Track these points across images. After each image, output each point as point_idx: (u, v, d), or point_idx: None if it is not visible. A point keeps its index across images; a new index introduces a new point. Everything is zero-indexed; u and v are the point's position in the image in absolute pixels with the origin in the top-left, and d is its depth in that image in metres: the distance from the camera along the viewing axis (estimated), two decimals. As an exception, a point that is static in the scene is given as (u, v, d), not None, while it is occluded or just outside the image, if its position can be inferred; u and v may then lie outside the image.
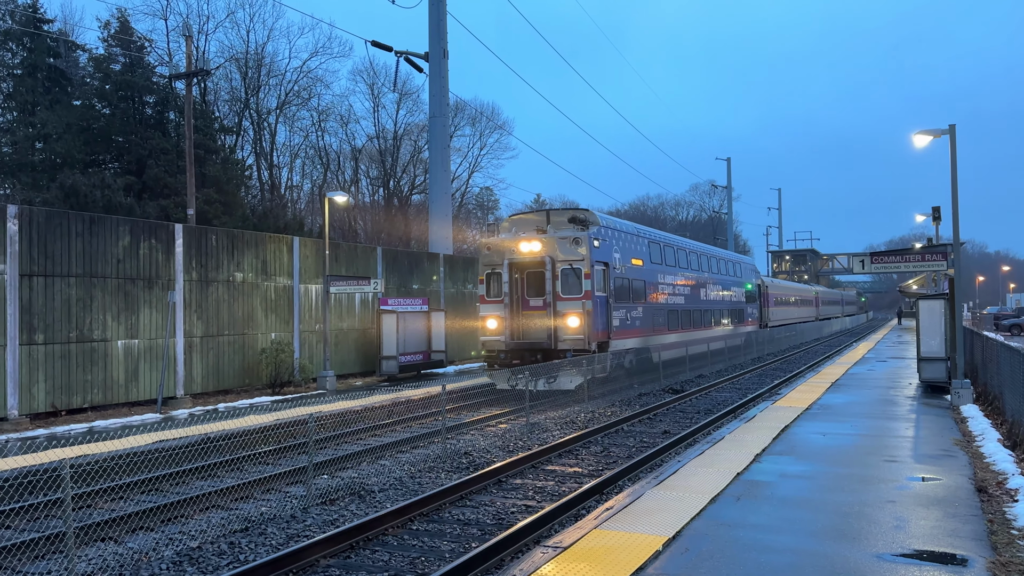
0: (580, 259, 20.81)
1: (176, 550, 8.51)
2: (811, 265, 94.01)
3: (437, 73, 26.67)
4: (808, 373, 26.60)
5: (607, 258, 21.87)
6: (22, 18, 40.77)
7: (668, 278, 27.58)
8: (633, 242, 24.65)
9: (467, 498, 10.72)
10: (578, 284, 20.75)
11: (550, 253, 21.10)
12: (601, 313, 21.15)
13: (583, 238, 20.93)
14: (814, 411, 15.68)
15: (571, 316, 20.59)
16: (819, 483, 9.31)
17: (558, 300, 20.92)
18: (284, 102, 53.41)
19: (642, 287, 24.77)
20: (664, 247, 28.07)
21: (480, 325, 22.30)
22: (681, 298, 29.02)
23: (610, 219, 24.21)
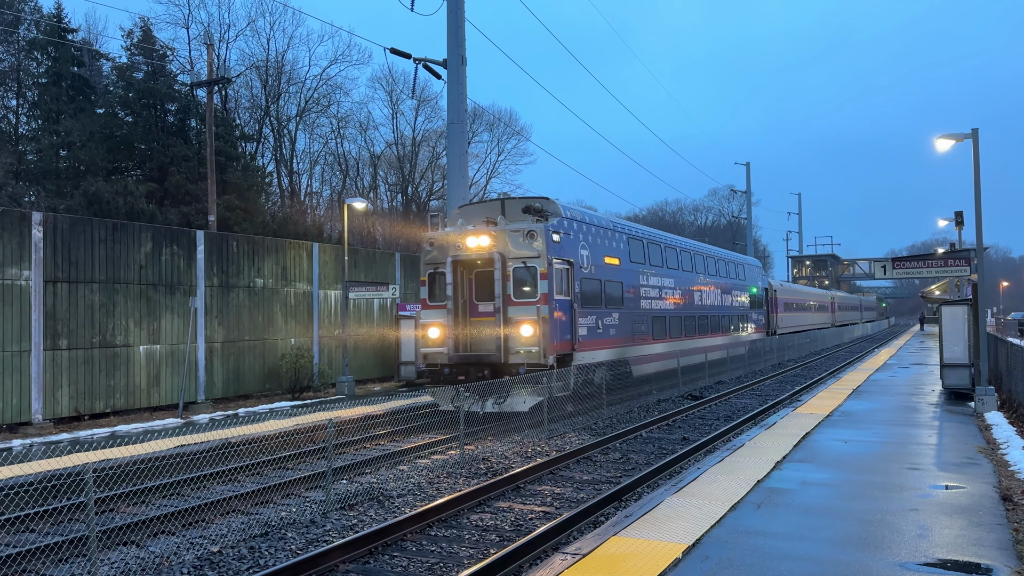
0: (535, 256, 17.63)
1: (197, 554, 8.57)
2: (832, 270, 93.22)
3: (455, 80, 26.77)
4: (829, 379, 26.37)
5: (571, 255, 18.74)
6: (47, 27, 41.38)
7: (654, 280, 24.30)
8: (607, 238, 21.37)
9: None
10: (532, 286, 17.65)
11: (501, 249, 17.89)
12: (562, 320, 18.02)
13: (538, 231, 17.69)
14: (835, 418, 15.53)
15: (524, 324, 17.38)
16: (841, 491, 9.22)
17: (509, 305, 17.72)
18: (304, 109, 53.80)
19: (619, 290, 21.55)
20: (649, 245, 24.69)
21: (419, 335, 19.12)
22: (671, 303, 25.67)
23: (578, 210, 20.90)
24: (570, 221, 19.33)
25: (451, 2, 25.98)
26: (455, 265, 18.40)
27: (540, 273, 17.60)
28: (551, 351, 17.50)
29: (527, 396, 17.03)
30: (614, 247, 21.71)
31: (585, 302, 19.33)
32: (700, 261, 30.03)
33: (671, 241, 27.75)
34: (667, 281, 25.57)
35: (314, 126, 56.67)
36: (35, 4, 43.87)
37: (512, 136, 69.05)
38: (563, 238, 18.50)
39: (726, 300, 32.66)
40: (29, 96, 42.91)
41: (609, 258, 21.16)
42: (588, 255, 19.77)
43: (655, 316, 24.21)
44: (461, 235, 18.47)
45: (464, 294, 18.76)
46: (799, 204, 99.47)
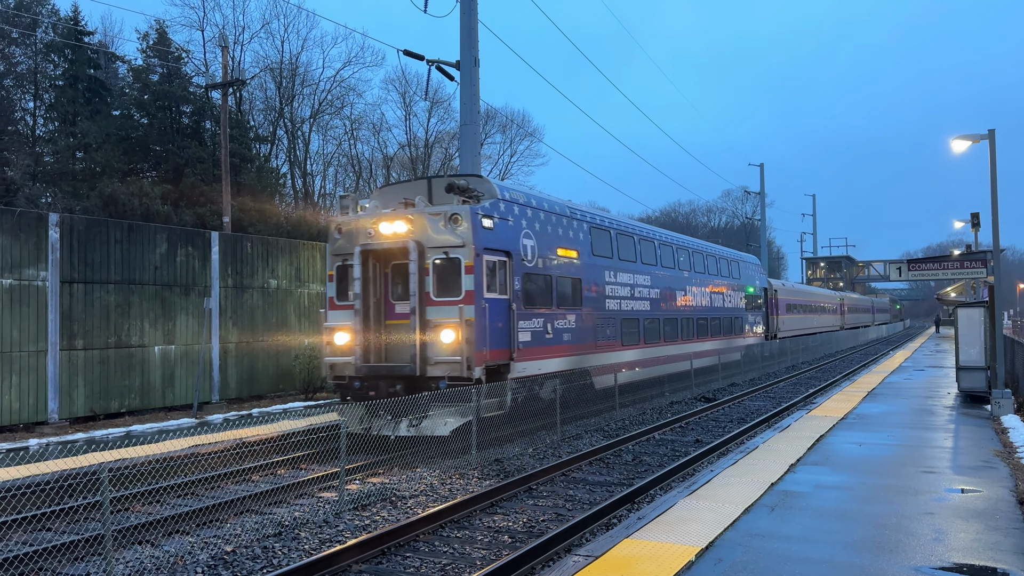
0: (458, 245, 14.62)
1: (211, 554, 8.62)
2: (846, 272, 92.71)
3: (468, 81, 26.81)
4: (844, 382, 26.22)
5: (509, 245, 15.79)
6: (64, 30, 41.76)
7: (624, 277, 21.26)
8: (561, 226, 18.31)
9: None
10: (455, 281, 14.64)
11: (419, 236, 14.87)
12: (495, 323, 15.05)
13: (463, 214, 14.69)
14: (850, 420, 15.44)
15: (444, 328, 14.36)
16: (855, 494, 9.16)
17: (428, 305, 14.69)
18: (317, 111, 54.03)
19: (576, 288, 18.53)
20: (618, 236, 21.55)
21: (325, 340, 15.78)
22: (646, 304, 22.69)
23: (521, 191, 17.79)
24: (509, 204, 16.27)
25: (464, 4, 26.04)
26: (366, 256, 15.35)
27: (465, 266, 14.55)
28: (478, 361, 14.38)
29: (449, 417, 14.01)
30: (571, 237, 18.69)
31: (529, 302, 16.34)
32: (685, 257, 26.89)
33: (648, 233, 24.48)
34: (642, 279, 22.57)
35: (328, 128, 56.91)
36: (52, 7, 44.30)
37: (525, 137, 69.10)
38: (498, 224, 15.51)
39: (717, 301, 29.65)
40: (46, 98, 43.33)
41: (564, 250, 18.13)
42: (534, 246, 16.76)
43: (626, 319, 21.21)
44: (373, 220, 15.35)
45: (378, 292, 15.70)
46: (813, 205, 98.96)
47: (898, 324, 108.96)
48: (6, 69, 41.60)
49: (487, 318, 14.79)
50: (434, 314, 14.69)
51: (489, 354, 14.81)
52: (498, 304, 15.34)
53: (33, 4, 43.07)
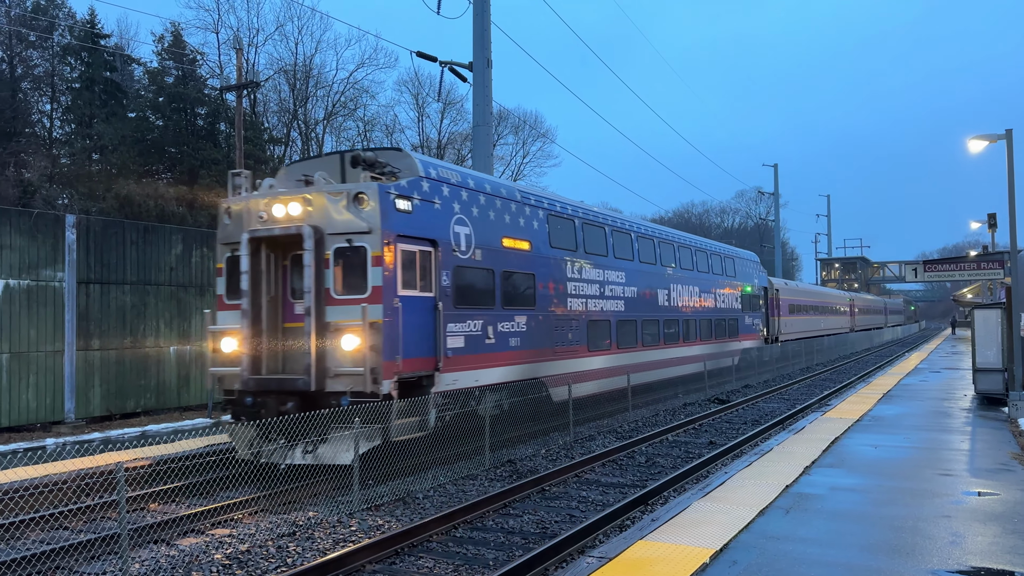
0: (364, 231, 12.10)
1: (226, 553, 8.66)
2: (861, 273, 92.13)
3: (481, 82, 26.84)
4: (859, 384, 26.05)
5: (435, 232, 13.35)
6: (80, 33, 42.14)
7: (591, 273, 18.79)
8: (507, 212, 15.78)
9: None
10: (360, 275, 12.12)
11: (317, 220, 12.34)
12: (413, 326, 12.57)
13: (369, 193, 12.14)
14: (865, 423, 15.34)
15: (346, 333, 11.87)
16: (871, 496, 9.10)
17: (328, 304, 12.22)
18: (331, 112, 54.23)
19: (528, 285, 16.19)
20: (584, 226, 18.96)
21: (210, 347, 13.36)
22: (619, 303, 20.13)
23: (452, 169, 15.02)
24: (436, 184, 13.76)
25: (477, 5, 26.07)
26: (256, 245, 12.75)
27: (371, 257, 12.06)
28: (387, 372, 11.90)
29: (352, 441, 11.13)
30: (522, 226, 16.20)
31: (463, 300, 13.96)
32: (669, 252, 24.24)
33: (622, 224, 21.76)
34: (615, 275, 20.05)
35: (341, 129, 57.10)
36: (69, 10, 44.74)
37: (537, 138, 69.09)
38: (420, 207, 13.04)
39: (707, 301, 26.92)
40: (63, 100, 43.73)
41: (512, 240, 15.74)
42: (470, 234, 14.32)
43: (593, 321, 18.75)
44: (266, 201, 12.83)
45: (275, 288, 13.06)
46: (828, 206, 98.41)
47: (913, 326, 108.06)
48: (24, 72, 42.02)
49: (401, 320, 12.24)
50: (335, 315, 12.12)
51: (403, 364, 12.27)
52: (418, 303, 12.81)
53: (50, 7, 43.48)
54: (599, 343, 19.14)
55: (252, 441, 12.09)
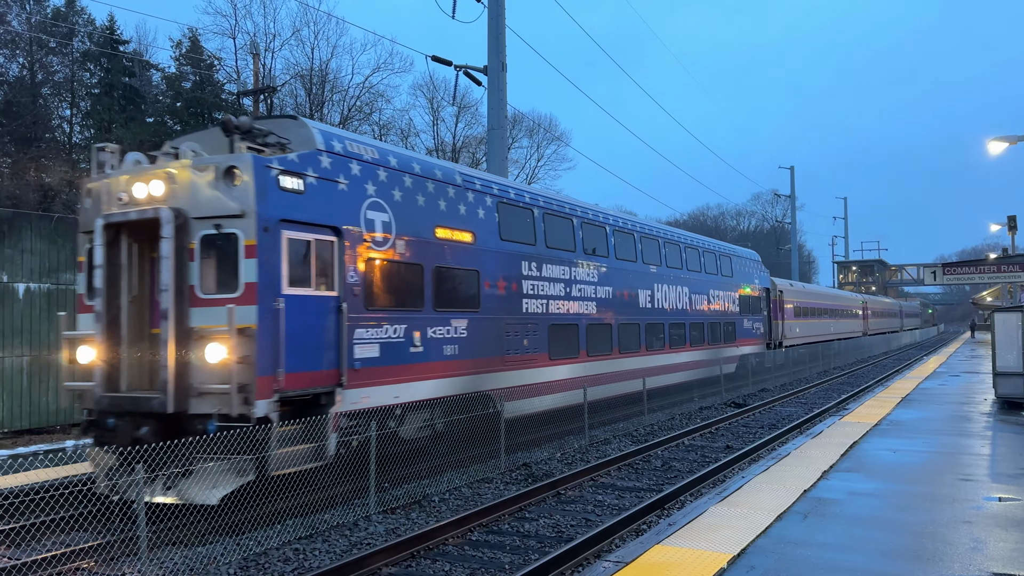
0: (235, 213, 9.95)
1: (243, 555, 8.70)
2: (879, 276, 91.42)
3: (496, 86, 26.88)
4: (877, 387, 25.85)
5: (339, 218, 11.18)
6: (100, 39, 42.62)
7: (553, 271, 16.62)
8: (443, 197, 13.54)
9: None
10: (230, 269, 10.00)
11: (181, 201, 10.18)
12: (304, 331, 10.45)
13: (243, 167, 9.97)
14: (883, 427, 15.21)
15: (212, 342, 9.77)
16: (890, 501, 9.02)
17: (193, 304, 10.09)
18: (347, 117, 54.50)
19: (469, 284, 14.07)
20: (545, 217, 16.72)
21: (66, 356, 11.12)
22: (590, 305, 18.03)
23: (370, 144, 12.63)
24: (342, 160, 11.49)
25: (492, 9, 26.13)
26: (114, 232, 10.62)
27: (244, 246, 9.91)
28: (262, 390, 9.73)
29: (220, 475, 9.55)
30: (462, 215, 13.97)
31: (379, 301, 11.80)
32: (652, 248, 21.95)
33: (595, 216, 19.36)
34: (585, 273, 17.97)
35: (357, 133, 57.44)
36: (88, 17, 45.26)
37: (552, 141, 69.12)
38: (316, 186, 10.89)
39: (699, 303, 24.56)
40: (82, 106, 44.25)
41: (449, 230, 13.55)
42: (389, 222, 12.14)
43: (557, 324, 16.68)
44: (126, 179, 10.63)
45: (138, 286, 10.83)
46: (845, 208, 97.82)
47: (931, 329, 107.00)
48: (44, 78, 42.52)
49: (284, 324, 10.09)
50: (200, 319, 9.98)
51: (288, 379, 10.11)
52: (313, 304, 10.67)
53: (70, 14, 44.01)
54: (564, 350, 16.93)
55: (111, 471, 10.08)
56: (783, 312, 35.26)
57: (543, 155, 69.40)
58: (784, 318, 35.34)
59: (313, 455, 10.46)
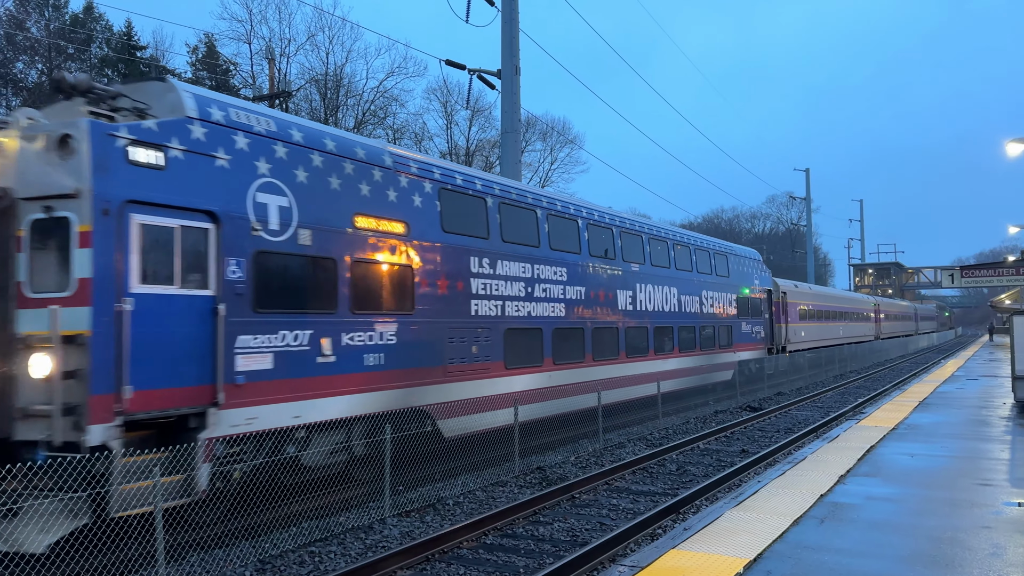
0: (67, 194, 8.30)
1: (259, 557, 8.74)
2: (895, 279, 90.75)
3: (509, 90, 26.94)
4: (894, 391, 25.65)
5: (217, 200, 9.47)
6: (117, 45, 43.03)
7: (510, 268, 14.72)
8: (365, 179, 11.66)
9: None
10: (61, 263, 8.38)
11: (9, 179, 8.61)
12: (163, 339, 8.76)
13: (78, 134, 8.31)
14: (901, 431, 15.09)
15: (37, 352, 8.22)
16: (908, 506, 8.94)
17: (21, 305, 8.52)
18: (361, 121, 54.75)
19: (400, 282, 12.10)
20: (501, 207, 14.83)
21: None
22: (556, 307, 16.10)
23: (260, 113, 10.58)
24: (220, 130, 9.69)
25: (505, 13, 26.19)
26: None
27: (78, 233, 8.25)
28: (100, 411, 8.08)
29: (56, 517, 7.87)
30: (392, 202, 12.01)
31: (274, 301, 10.06)
32: (634, 245, 19.94)
33: (563, 208, 17.28)
34: (551, 272, 16.06)
35: (371, 137, 57.68)
36: (106, 23, 45.70)
37: (565, 144, 69.15)
38: (183, 162, 9.15)
39: (689, 305, 22.68)
40: (100, 112, 44.60)
41: (372, 219, 11.59)
42: (290, 207, 10.36)
43: (515, 330, 14.74)
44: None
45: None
46: (860, 211, 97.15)
47: (948, 332, 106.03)
48: (62, 84, 42.96)
49: (130, 330, 8.35)
50: (29, 323, 8.33)
51: (137, 398, 8.36)
52: (177, 306, 8.92)
53: (88, 20, 44.47)
54: (525, 358, 15.03)
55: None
56: (787, 315, 33.38)
57: (556, 158, 69.47)
58: (788, 321, 33.42)
59: (177, 490, 8.69)
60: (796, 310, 35.14)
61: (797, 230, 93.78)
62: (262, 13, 58.04)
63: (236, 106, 10.31)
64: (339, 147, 11.42)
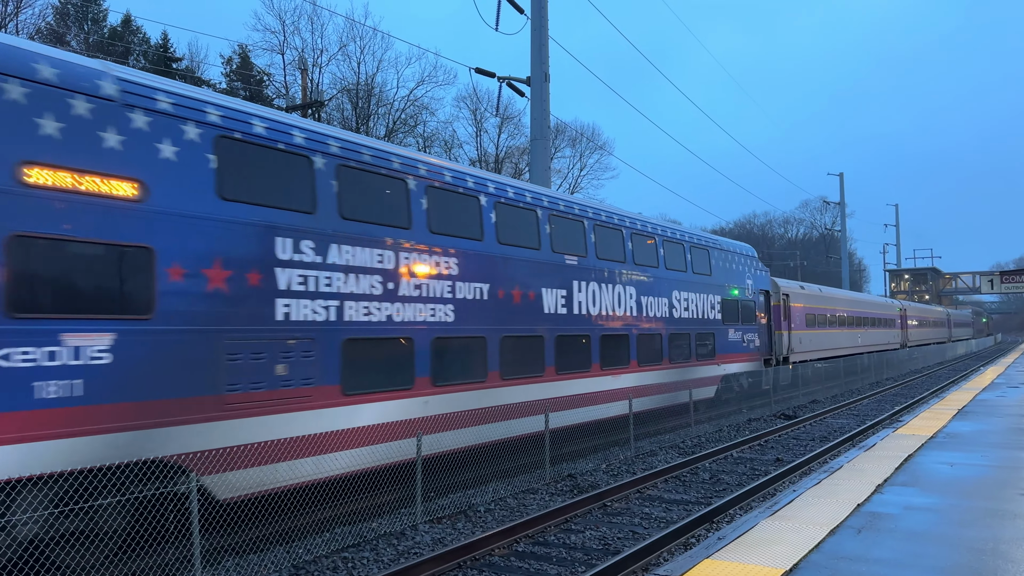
0: None
1: (293, 563, 8.81)
2: (932, 284, 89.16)
3: (539, 96, 26.98)
4: (932, 399, 25.17)
5: None
6: (154, 57, 43.89)
7: (355, 255, 10.94)
8: (45, 113, 7.82)
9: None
10: None
11: None
12: None
13: None
14: (940, 440, 14.80)
15: None
16: (948, 516, 8.76)
17: None
18: (392, 130, 55.20)
19: (127, 270, 8.39)
20: (341, 172, 10.97)
21: None
22: (441, 310, 12.32)
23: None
24: None
25: (535, 21, 26.27)
26: None
27: None
28: None
29: None
30: (108, 149, 8.38)
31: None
32: (572, 232, 16.08)
33: (455, 180, 13.16)
34: (434, 263, 12.31)
35: (402, 145, 58.11)
36: (143, 35, 46.63)
37: (595, 151, 69.09)
38: None
39: (652, 308, 18.55)
40: (137, 122, 45.51)
41: (62, 173, 7.94)
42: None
43: (358, 341, 10.88)
44: None
45: None
46: (896, 215, 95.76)
47: (987, 339, 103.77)
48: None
49: None
50: None
51: None
52: None
53: (126, 33, 45.42)
54: (380, 379, 11.19)
55: None
56: (790, 320, 29.40)
57: (585, 164, 69.44)
58: (792, 328, 29.42)
59: None
60: (802, 315, 31.23)
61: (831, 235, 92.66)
62: (295, 24, 58.85)
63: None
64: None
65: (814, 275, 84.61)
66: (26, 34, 39.63)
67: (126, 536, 8.34)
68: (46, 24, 42.57)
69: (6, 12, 39.51)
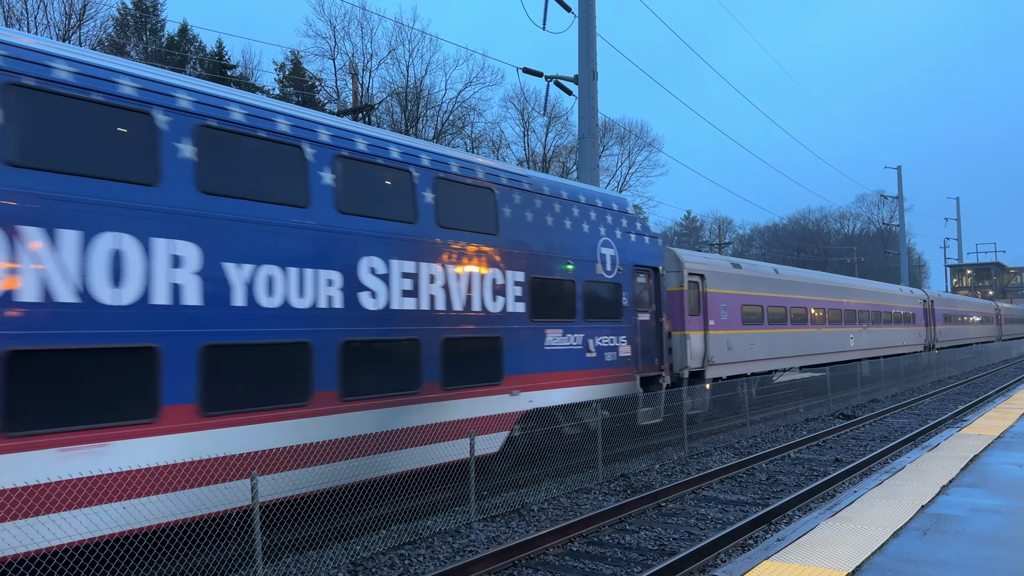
0: None
1: (351, 559, 8.95)
2: (996, 280, 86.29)
3: (586, 95, 26.86)
4: (997, 398, 24.37)
5: None
6: (210, 65, 44.96)
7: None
8: None
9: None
10: None
11: None
12: None
13: None
14: (1007, 439, 14.31)
15: None
16: (1018, 519, 8.47)
17: None
18: (441, 132, 55.58)
19: None
20: None
21: None
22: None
23: None
24: None
25: (582, 19, 26.17)
26: None
27: None
28: None
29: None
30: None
31: None
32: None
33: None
34: None
35: (451, 147, 58.50)
36: (200, 44, 47.82)
37: (644, 148, 68.55)
38: None
39: (299, 295, 9.40)
40: (194, 129, 46.69)
41: None
42: None
43: None
44: None
45: None
46: (957, 209, 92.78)
47: None
48: (160, 104, 45.18)
49: None
50: None
51: None
52: None
53: (183, 42, 46.64)
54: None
55: None
56: (706, 314, 19.34)
57: (634, 162, 68.94)
58: (708, 327, 19.32)
59: None
60: (736, 307, 20.94)
61: (889, 230, 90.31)
62: (345, 29, 59.73)
63: None
64: None
65: (872, 271, 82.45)
66: (88, 46, 41.00)
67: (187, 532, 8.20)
68: (107, 36, 43.95)
69: (69, 25, 40.92)
